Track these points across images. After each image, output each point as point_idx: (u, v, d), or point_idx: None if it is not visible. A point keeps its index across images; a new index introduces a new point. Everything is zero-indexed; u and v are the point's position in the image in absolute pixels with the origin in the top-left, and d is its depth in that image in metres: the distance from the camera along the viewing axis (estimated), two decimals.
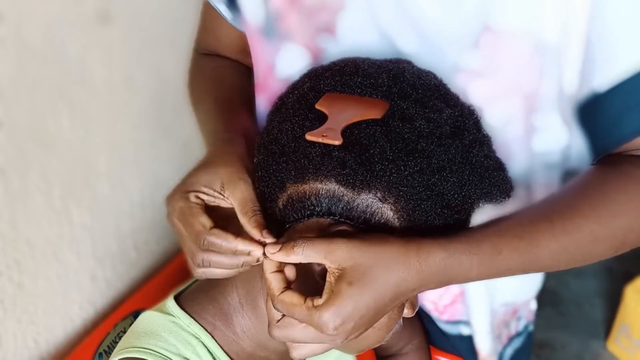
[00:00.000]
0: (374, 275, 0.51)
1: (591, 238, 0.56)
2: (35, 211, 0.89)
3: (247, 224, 0.56)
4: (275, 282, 0.53)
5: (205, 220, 0.57)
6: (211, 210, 0.59)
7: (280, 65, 0.72)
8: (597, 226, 0.56)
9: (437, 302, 0.86)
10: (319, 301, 0.51)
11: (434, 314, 0.87)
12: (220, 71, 0.80)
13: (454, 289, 0.83)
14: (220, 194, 0.58)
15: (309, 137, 0.56)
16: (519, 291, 0.86)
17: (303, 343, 0.54)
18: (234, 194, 0.58)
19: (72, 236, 0.97)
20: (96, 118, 0.98)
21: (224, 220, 0.60)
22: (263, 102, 0.76)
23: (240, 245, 0.55)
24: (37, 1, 0.83)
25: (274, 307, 0.53)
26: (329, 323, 0.50)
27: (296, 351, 0.55)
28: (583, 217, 0.56)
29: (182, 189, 0.59)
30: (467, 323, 0.85)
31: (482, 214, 0.60)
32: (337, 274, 0.51)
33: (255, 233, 0.55)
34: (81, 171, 0.97)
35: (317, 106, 0.58)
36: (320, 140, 0.55)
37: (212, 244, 0.56)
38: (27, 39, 0.83)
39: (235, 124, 0.69)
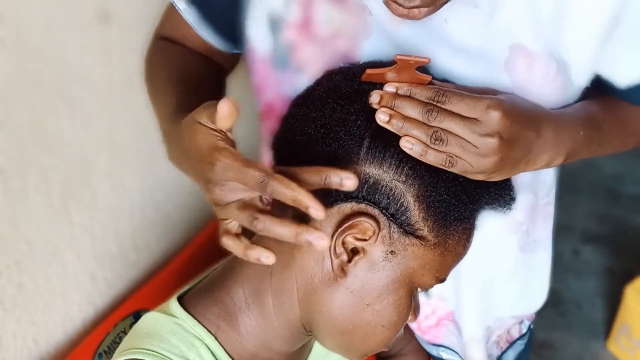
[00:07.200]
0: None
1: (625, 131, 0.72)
2: (35, 211, 0.89)
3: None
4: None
5: (262, 165, 0.49)
6: None
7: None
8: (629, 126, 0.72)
9: (421, 322, 0.85)
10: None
11: (417, 332, 0.87)
12: (186, 59, 0.76)
13: (440, 311, 0.83)
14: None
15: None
16: (523, 305, 0.87)
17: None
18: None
19: (72, 236, 0.97)
20: (96, 118, 0.98)
21: None
22: (269, 128, 0.75)
23: (305, 198, 0.47)
24: (37, 1, 0.83)
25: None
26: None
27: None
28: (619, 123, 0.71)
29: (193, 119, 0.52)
30: (448, 348, 0.86)
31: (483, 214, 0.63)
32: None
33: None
34: (81, 171, 0.97)
35: (364, 79, 0.59)
36: (407, 58, 0.53)
37: (274, 191, 0.48)
38: (27, 39, 0.83)
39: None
